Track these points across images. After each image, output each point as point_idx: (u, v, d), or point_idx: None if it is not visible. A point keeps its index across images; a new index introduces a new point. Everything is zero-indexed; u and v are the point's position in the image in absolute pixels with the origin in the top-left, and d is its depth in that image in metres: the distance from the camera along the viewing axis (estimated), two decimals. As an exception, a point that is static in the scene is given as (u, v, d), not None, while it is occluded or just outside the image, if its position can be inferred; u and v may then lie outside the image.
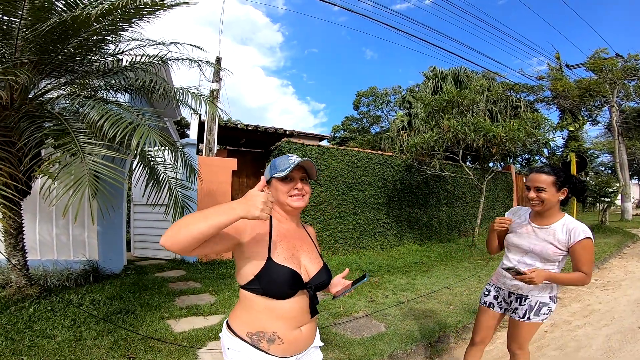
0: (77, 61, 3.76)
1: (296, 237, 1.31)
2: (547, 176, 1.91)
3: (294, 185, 1.26)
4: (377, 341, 3.13)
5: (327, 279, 1.32)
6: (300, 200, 1.27)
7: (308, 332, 1.27)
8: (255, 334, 1.18)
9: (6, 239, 3.59)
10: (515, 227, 2.10)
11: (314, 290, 1.25)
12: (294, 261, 1.22)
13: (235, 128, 10.00)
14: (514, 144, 7.45)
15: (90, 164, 2.82)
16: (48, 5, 3.03)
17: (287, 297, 1.18)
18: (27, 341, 2.81)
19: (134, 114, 3.35)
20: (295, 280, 1.19)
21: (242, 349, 1.18)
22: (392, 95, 25.60)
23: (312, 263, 1.29)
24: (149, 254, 6.56)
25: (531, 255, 1.99)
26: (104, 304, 3.71)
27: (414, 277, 5.53)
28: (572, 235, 1.87)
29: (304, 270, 1.25)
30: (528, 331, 2.04)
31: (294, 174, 1.26)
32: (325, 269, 1.33)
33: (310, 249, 1.33)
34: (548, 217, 1.97)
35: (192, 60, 4.49)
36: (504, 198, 12.19)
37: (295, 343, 1.22)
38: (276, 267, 1.16)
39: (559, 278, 1.91)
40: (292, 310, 1.19)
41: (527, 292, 2.01)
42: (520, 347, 2.08)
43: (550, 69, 15.58)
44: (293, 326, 1.21)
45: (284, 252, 1.22)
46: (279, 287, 1.16)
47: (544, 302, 1.99)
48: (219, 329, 3.28)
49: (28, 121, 3.15)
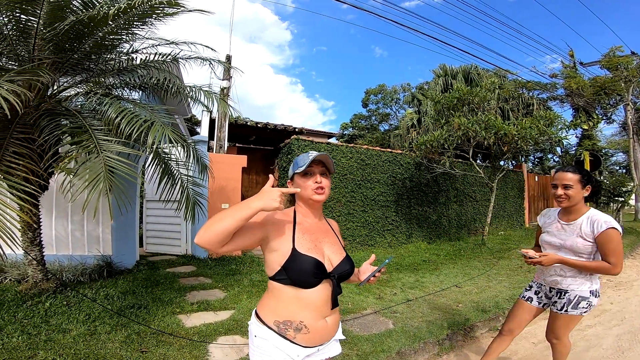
0: (92, 60, 3.83)
1: (319, 230, 1.38)
2: (573, 174, 2.06)
3: (314, 180, 1.32)
4: (385, 338, 3.16)
5: (350, 268, 1.37)
6: (321, 194, 1.33)
7: (332, 323, 1.32)
8: (282, 322, 1.24)
9: (24, 233, 3.68)
10: (546, 226, 2.26)
11: (338, 280, 1.30)
12: (317, 252, 1.28)
13: (245, 125, 10.08)
14: (525, 142, 7.36)
15: (106, 160, 2.89)
16: (65, 4, 3.10)
17: (313, 285, 1.24)
18: (43, 335, 2.87)
19: (148, 112, 3.43)
20: (319, 269, 1.24)
21: (269, 337, 1.24)
22: (401, 93, 25.40)
23: (335, 254, 1.35)
24: (160, 249, 6.68)
25: (564, 250, 2.10)
26: (118, 298, 3.80)
27: (422, 275, 5.52)
28: (595, 226, 1.98)
29: (327, 260, 1.31)
30: (565, 323, 2.14)
31: (313, 168, 1.33)
32: (348, 259, 1.38)
33: (333, 240, 1.39)
34: (574, 212, 2.10)
35: (203, 59, 4.54)
36: (515, 197, 12.06)
37: (320, 333, 1.27)
38: (300, 257, 1.23)
39: (576, 263, 2.01)
40: (318, 299, 1.25)
41: (565, 287, 2.12)
42: (557, 337, 2.19)
43: (564, 66, 15.30)
44: (319, 316, 1.26)
45: (307, 243, 1.28)
46: (304, 276, 1.22)
47: (583, 296, 2.07)
48: (229, 324, 3.33)
49: (47, 118, 3.23)
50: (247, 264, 5.86)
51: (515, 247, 8.18)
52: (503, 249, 7.94)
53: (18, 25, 3.17)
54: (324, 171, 1.35)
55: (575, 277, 2.09)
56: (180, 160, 4.58)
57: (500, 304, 4.10)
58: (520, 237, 9.79)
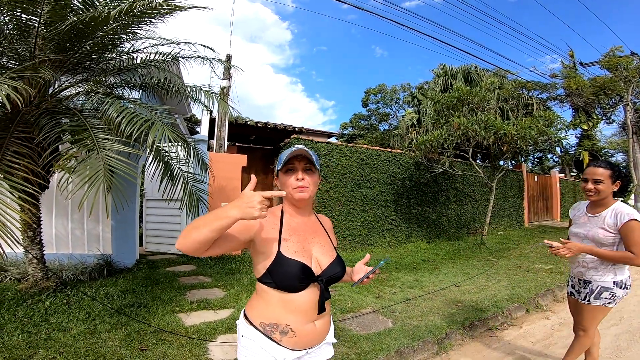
0: (93, 59, 3.85)
1: (308, 230, 1.31)
2: (604, 170, 2.14)
3: (296, 177, 1.24)
4: (384, 337, 3.17)
5: (341, 271, 1.31)
6: (304, 191, 1.24)
7: (322, 327, 1.28)
8: (268, 324, 1.20)
9: (25, 232, 3.69)
10: (576, 218, 2.37)
11: (326, 284, 1.25)
12: (305, 254, 1.23)
13: (245, 125, 10.08)
14: (525, 142, 7.38)
15: (105, 159, 2.90)
16: (66, 3, 3.11)
17: (298, 290, 1.19)
18: (43, 334, 2.88)
19: (149, 111, 3.44)
20: (305, 273, 1.19)
21: (256, 338, 1.21)
22: (401, 93, 25.41)
23: (324, 255, 1.29)
24: (160, 248, 6.69)
25: (588, 241, 2.18)
26: (118, 297, 3.81)
27: (421, 275, 5.54)
28: (618, 218, 2.06)
29: (315, 263, 1.25)
30: (589, 314, 2.20)
31: (295, 165, 1.25)
32: (339, 260, 1.32)
33: (323, 240, 1.33)
34: (601, 205, 2.19)
35: (204, 58, 4.56)
36: (515, 197, 12.07)
37: (308, 337, 1.23)
38: (286, 260, 1.18)
39: (599, 252, 2.09)
40: (305, 303, 1.21)
41: (589, 277, 2.20)
42: (583, 329, 2.25)
43: (564, 66, 15.30)
44: (307, 320, 1.22)
45: (294, 245, 1.23)
46: (289, 281, 1.17)
47: (605, 287, 2.14)
48: (228, 323, 3.35)
49: (47, 117, 3.24)
50: (247, 263, 5.87)
51: (515, 247, 8.19)
52: (502, 249, 7.95)
53: (19, 24, 3.18)
54: (308, 167, 1.26)
55: (597, 268, 2.16)
56: (181, 158, 4.59)
57: (499, 303, 4.11)
58: (520, 237, 9.80)
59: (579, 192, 17.24)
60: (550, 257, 6.96)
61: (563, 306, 4.38)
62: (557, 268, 5.95)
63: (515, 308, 4.04)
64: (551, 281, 5.13)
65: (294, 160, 1.25)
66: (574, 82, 12.36)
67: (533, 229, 11.96)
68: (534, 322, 3.87)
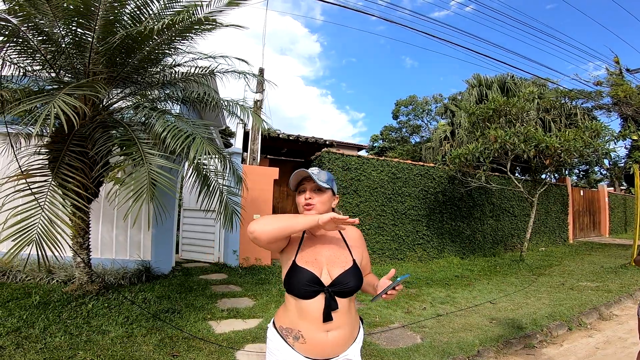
0: (140, 73, 4.09)
1: (325, 242, 1.38)
2: None
3: (304, 196, 1.38)
4: (412, 352, 3.09)
5: (353, 281, 1.30)
6: (311, 209, 1.36)
7: (335, 339, 1.28)
8: (285, 328, 1.32)
9: (75, 237, 3.95)
10: None
11: (331, 294, 1.26)
12: (315, 264, 1.31)
13: (277, 138, 10.31)
14: (569, 155, 6.98)
15: (150, 173, 3.08)
16: (116, 18, 3.33)
17: (307, 297, 1.27)
18: (84, 336, 3.02)
19: (190, 126, 3.60)
20: (312, 282, 1.27)
21: (275, 339, 1.34)
22: (433, 104, 24.92)
23: (336, 266, 1.31)
24: (194, 256, 6.93)
25: None
26: (154, 302, 3.98)
27: (454, 290, 5.35)
28: None
29: (325, 273, 1.29)
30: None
31: (305, 185, 1.39)
32: (354, 272, 1.32)
33: (338, 252, 1.36)
34: None
35: (239, 73, 4.75)
36: (558, 212, 11.40)
37: (319, 346, 1.26)
38: (298, 269, 1.29)
39: None
40: (315, 311, 1.26)
41: None
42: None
43: (609, 73, 14.40)
44: (317, 328, 1.26)
45: (307, 256, 1.33)
46: (297, 288, 1.28)
47: None
48: (257, 332, 3.40)
49: (100, 130, 3.48)
50: (276, 273, 5.94)
51: (558, 264, 7.71)
52: (543, 265, 7.51)
53: (74, 39, 3.41)
54: (317, 187, 1.37)
55: None
56: (218, 171, 4.76)
57: (538, 321, 3.89)
58: (563, 254, 9.21)
59: (629, 207, 16.00)
60: (597, 274, 6.48)
61: (610, 324, 4.07)
62: (605, 286, 5.54)
63: (556, 326, 3.81)
64: (597, 299, 4.78)
65: (304, 181, 1.39)
66: (621, 90, 11.61)
67: (578, 245, 11.19)
68: (575, 340, 3.62)
